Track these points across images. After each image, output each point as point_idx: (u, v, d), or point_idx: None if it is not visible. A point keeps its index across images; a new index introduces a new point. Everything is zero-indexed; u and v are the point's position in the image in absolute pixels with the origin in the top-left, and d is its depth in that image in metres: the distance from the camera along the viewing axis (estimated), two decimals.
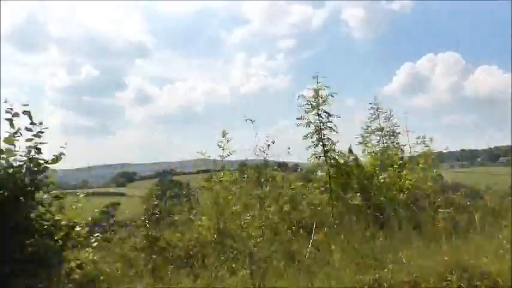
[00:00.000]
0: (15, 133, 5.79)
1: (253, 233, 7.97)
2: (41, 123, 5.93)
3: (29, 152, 5.82)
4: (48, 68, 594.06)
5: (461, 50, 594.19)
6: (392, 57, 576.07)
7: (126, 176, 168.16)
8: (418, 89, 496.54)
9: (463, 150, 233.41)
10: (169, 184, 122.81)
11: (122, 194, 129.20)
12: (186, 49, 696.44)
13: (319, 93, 9.32)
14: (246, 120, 9.85)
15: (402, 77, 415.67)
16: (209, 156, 9.50)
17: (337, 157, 9.56)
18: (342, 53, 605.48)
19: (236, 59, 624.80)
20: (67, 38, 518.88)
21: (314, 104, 9.36)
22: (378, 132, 11.86)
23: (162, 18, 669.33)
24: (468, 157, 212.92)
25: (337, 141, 9.54)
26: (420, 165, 10.55)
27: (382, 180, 9.90)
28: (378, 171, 10.21)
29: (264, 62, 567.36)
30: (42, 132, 5.93)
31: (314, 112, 9.36)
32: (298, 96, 9.48)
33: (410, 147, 11.42)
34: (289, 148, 10.56)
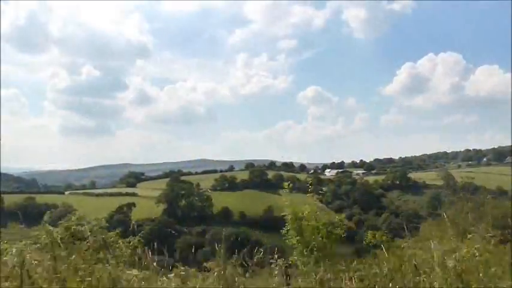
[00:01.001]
0: None
1: None
2: None
3: None
4: (48, 68, 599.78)
5: (462, 50, 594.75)
6: (393, 57, 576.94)
7: (134, 177, 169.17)
8: (418, 89, 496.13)
9: (467, 150, 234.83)
10: (181, 185, 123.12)
11: (134, 194, 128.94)
12: (187, 49, 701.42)
13: None
14: None
15: (403, 77, 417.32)
16: None
17: None
18: (343, 54, 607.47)
19: (237, 59, 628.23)
20: (68, 39, 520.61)
21: None
22: None
23: (163, 19, 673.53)
24: (473, 157, 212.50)
25: None
26: None
27: None
28: None
29: (265, 63, 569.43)
30: None
31: None
32: None
33: None
34: None
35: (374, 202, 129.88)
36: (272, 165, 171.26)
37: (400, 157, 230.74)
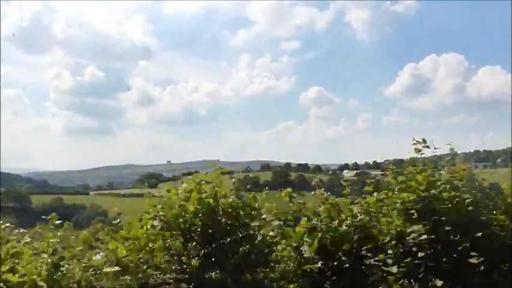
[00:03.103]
0: None
1: None
2: None
3: None
4: (52, 69, 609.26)
5: (464, 51, 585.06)
6: (396, 58, 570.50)
7: (154, 177, 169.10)
8: (420, 89, 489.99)
9: (477, 151, 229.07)
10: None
11: (161, 197, 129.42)
12: (190, 50, 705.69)
13: None
14: None
15: (405, 78, 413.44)
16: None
17: None
18: (346, 55, 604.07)
19: (240, 60, 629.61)
20: (72, 40, 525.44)
21: None
22: None
23: (166, 20, 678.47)
24: (486, 158, 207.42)
25: None
26: None
27: None
28: None
29: (268, 64, 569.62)
30: None
31: None
32: None
33: None
34: None
35: None
36: (288, 166, 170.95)
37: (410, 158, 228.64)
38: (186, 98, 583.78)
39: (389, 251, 5.13)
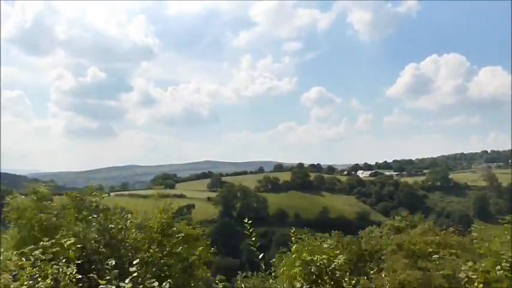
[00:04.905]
0: None
1: None
2: None
3: None
4: (54, 70, 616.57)
5: (466, 52, 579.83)
6: (397, 58, 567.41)
7: (167, 178, 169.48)
8: (422, 90, 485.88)
9: (485, 152, 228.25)
10: (227, 185, 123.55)
11: (182, 196, 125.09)
12: (191, 51, 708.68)
13: None
14: None
15: (406, 78, 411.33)
16: None
17: None
18: (347, 55, 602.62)
19: (242, 61, 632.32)
20: (74, 41, 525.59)
21: None
22: None
23: (168, 21, 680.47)
24: (493, 158, 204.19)
25: None
26: None
27: None
28: None
29: (270, 64, 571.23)
30: None
31: None
32: None
33: None
34: None
35: (419, 203, 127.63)
36: (301, 166, 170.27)
37: (417, 158, 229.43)
38: (188, 98, 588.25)
39: None
